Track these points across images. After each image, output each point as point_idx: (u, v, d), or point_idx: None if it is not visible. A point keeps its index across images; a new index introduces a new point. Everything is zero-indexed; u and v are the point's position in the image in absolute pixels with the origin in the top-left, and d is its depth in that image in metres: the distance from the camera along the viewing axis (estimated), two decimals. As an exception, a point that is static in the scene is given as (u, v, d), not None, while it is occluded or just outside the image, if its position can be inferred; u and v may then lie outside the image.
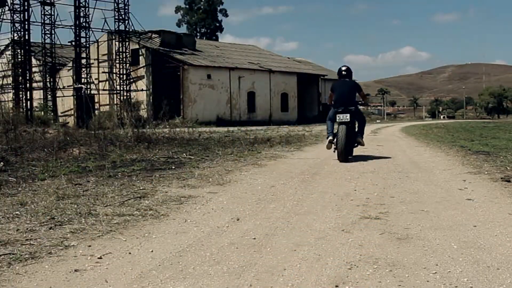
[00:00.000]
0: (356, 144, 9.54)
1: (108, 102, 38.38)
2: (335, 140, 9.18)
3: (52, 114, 36.53)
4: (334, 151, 9.27)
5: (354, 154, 9.60)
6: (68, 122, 33.32)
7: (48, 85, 39.50)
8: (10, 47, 37.53)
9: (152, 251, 3.59)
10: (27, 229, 4.13)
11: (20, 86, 36.36)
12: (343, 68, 9.88)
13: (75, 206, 5.00)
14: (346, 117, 9.09)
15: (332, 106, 9.64)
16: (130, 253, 3.54)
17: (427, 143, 14.47)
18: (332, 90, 9.87)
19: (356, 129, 9.55)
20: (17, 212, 4.73)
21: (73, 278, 3.04)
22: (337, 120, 9.20)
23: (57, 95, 39.90)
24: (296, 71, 47.19)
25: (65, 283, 2.96)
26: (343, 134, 8.89)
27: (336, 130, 9.29)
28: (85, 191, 5.93)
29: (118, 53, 37.54)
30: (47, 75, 39.47)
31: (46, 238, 3.87)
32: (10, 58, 37.12)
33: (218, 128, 25.58)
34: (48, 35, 37.60)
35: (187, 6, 78.06)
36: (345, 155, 8.98)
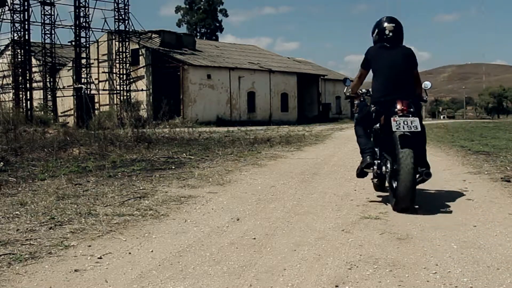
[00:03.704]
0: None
1: (108, 102, 38.38)
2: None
3: (52, 114, 36.54)
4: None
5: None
6: (68, 122, 33.31)
7: (48, 85, 39.49)
8: (10, 47, 37.54)
9: (152, 251, 3.59)
10: (27, 229, 4.13)
11: (20, 86, 36.36)
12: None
13: (75, 206, 5.00)
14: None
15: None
16: (130, 253, 3.54)
17: (427, 143, 14.46)
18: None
19: None
20: (17, 212, 4.73)
21: (73, 278, 3.04)
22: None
23: (57, 95, 39.90)
24: (296, 71, 47.17)
25: (65, 283, 2.96)
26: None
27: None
28: (85, 191, 5.93)
29: (118, 53, 37.54)
30: (47, 75, 39.47)
31: (46, 238, 3.87)
32: (10, 58, 37.12)
33: (218, 128, 25.57)
34: (48, 35, 37.62)
35: (187, 6, 78.06)
36: None
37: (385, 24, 5.29)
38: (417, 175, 4.82)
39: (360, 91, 5.70)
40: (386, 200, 5.26)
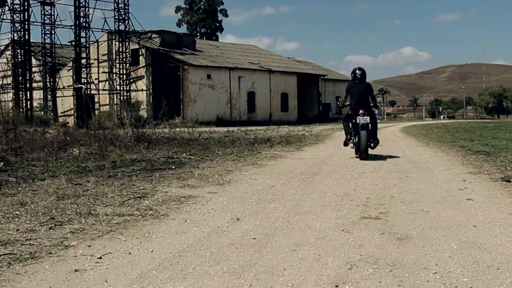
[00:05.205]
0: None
1: (108, 102, 38.38)
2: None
3: (52, 114, 36.54)
4: None
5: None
6: (68, 122, 33.31)
7: (48, 85, 39.49)
8: (10, 47, 37.53)
9: (152, 251, 3.59)
10: (27, 229, 4.13)
11: (20, 86, 36.35)
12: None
13: (75, 206, 5.00)
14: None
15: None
16: (130, 253, 3.54)
17: (427, 143, 14.47)
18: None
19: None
20: (17, 212, 4.73)
21: (73, 278, 3.04)
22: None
23: (57, 95, 39.90)
24: (296, 71, 47.17)
25: (65, 283, 2.96)
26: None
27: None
28: (85, 191, 5.93)
29: (118, 53, 37.53)
30: (47, 75, 39.46)
31: (46, 238, 3.87)
32: (10, 58, 37.11)
33: (218, 128, 25.57)
34: (48, 35, 37.60)
35: (187, 6, 78.04)
36: None
37: (357, 71, 10.14)
38: (372, 144, 9.72)
39: (346, 103, 10.22)
40: (358, 157, 9.58)
